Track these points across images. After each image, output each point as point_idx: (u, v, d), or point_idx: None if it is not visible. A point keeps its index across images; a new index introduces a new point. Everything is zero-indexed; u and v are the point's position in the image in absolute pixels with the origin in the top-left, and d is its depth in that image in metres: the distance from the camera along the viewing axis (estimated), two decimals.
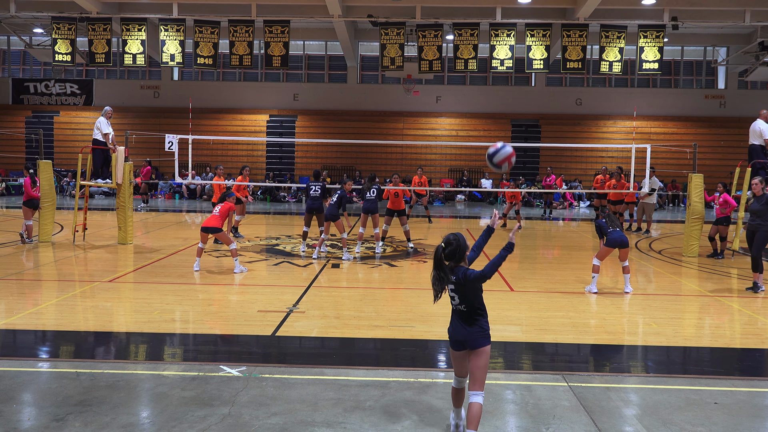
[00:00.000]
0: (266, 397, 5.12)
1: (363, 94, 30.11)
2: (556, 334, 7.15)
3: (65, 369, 5.72)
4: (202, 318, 7.76)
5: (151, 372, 5.64)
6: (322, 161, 29.29)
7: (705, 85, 30.51)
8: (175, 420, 4.68)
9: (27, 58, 31.01)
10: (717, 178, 15.09)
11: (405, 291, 9.42)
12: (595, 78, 30.11)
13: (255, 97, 30.14)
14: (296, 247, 13.27)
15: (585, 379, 5.70)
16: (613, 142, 28.46)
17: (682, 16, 19.95)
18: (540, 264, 11.97)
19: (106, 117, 13.42)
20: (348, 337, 6.92)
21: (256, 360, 6.15)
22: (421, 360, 6.37)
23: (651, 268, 11.86)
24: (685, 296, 9.54)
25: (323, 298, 8.75)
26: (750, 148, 12.70)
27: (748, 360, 6.68)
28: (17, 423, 4.62)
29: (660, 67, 19.71)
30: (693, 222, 13.08)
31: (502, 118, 29.89)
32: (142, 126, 27.94)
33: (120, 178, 13.38)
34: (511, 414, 4.96)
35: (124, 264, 11.20)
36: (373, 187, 12.76)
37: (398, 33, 19.83)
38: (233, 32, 19.84)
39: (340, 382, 5.47)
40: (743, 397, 5.36)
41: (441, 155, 29.86)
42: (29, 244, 12.98)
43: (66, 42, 20.07)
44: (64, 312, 7.73)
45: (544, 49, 19.59)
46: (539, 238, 16.57)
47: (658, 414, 4.97)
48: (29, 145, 28.20)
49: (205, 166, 28.33)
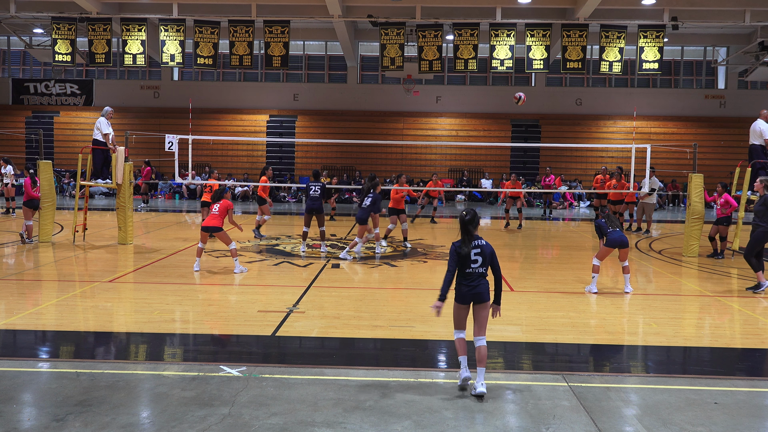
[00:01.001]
0: (266, 397, 5.12)
1: (363, 94, 30.12)
2: (556, 334, 7.15)
3: (65, 369, 5.72)
4: (202, 318, 7.76)
5: (151, 372, 5.64)
6: (322, 161, 29.30)
7: (705, 85, 30.52)
8: (175, 420, 4.68)
9: (27, 58, 31.01)
10: (717, 178, 15.10)
11: (405, 291, 9.42)
12: (595, 78, 30.11)
13: (255, 97, 30.13)
14: (296, 247, 13.27)
15: (585, 379, 5.70)
16: (613, 142, 28.46)
17: (682, 16, 19.95)
18: (540, 264, 11.96)
19: (106, 117, 13.43)
20: (348, 337, 6.92)
21: (256, 360, 6.15)
22: (421, 360, 6.37)
23: (651, 268, 11.86)
24: (685, 296, 9.54)
25: (323, 298, 8.75)
26: (750, 148, 12.70)
27: (748, 360, 6.68)
28: (17, 423, 4.62)
29: (660, 67, 19.71)
30: (693, 222, 13.08)
31: (502, 118, 29.89)
32: (142, 126, 27.94)
33: (120, 179, 13.38)
34: (511, 414, 4.96)
35: (124, 264, 11.21)
36: (369, 195, 12.02)
37: (398, 33, 19.84)
38: (233, 32, 19.84)
39: (340, 382, 5.47)
40: (743, 397, 5.36)
41: (441, 155, 29.85)
42: (29, 244, 12.99)
43: (66, 42, 20.08)
44: (64, 312, 7.74)
45: (544, 49, 19.59)
46: (539, 238, 16.57)
47: (658, 414, 4.97)
48: (29, 146, 28.20)
49: (204, 167, 28.32)
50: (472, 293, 5.30)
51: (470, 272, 5.31)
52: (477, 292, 5.29)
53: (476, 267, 5.30)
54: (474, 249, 5.32)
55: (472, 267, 5.30)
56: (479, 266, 5.30)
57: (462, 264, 5.31)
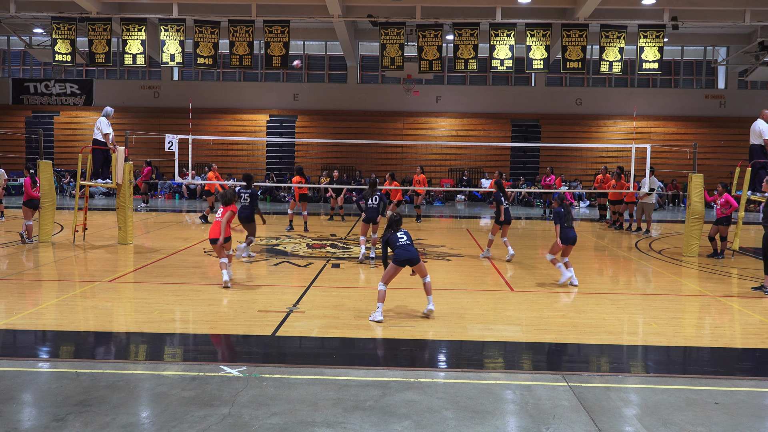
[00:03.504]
0: (266, 397, 5.12)
1: (363, 94, 30.12)
2: (556, 334, 7.15)
3: (65, 369, 5.72)
4: (202, 318, 7.76)
5: (151, 372, 5.64)
6: (322, 161, 29.31)
7: (705, 85, 30.52)
8: (175, 420, 4.68)
9: (27, 58, 31.01)
10: (717, 178, 15.11)
11: (405, 291, 9.41)
12: (595, 78, 30.11)
13: (255, 97, 30.14)
14: (296, 247, 13.27)
15: (585, 379, 5.70)
16: (613, 142, 28.46)
17: (682, 16, 19.95)
18: (540, 264, 11.96)
19: (107, 118, 13.43)
20: (348, 337, 6.92)
21: (256, 360, 6.15)
22: (421, 360, 6.38)
23: (651, 268, 11.86)
24: (685, 296, 9.54)
25: (323, 298, 8.75)
26: (750, 148, 12.70)
27: (748, 360, 6.68)
28: (17, 423, 4.62)
29: (660, 67, 19.71)
30: (693, 222, 13.08)
31: (502, 118, 29.89)
32: (142, 126, 27.95)
33: (120, 178, 13.39)
34: (511, 414, 4.96)
35: (124, 264, 11.21)
36: (376, 194, 11.96)
37: (398, 33, 19.84)
38: (233, 32, 19.84)
39: (340, 382, 5.47)
40: (743, 397, 5.36)
41: (441, 155, 29.86)
42: (29, 244, 12.98)
43: (66, 42, 20.08)
44: (64, 312, 7.73)
45: (544, 49, 19.59)
46: (539, 238, 16.56)
47: (658, 414, 4.97)
48: (29, 145, 28.21)
49: (204, 166, 28.34)
50: (408, 258, 7.51)
51: (401, 245, 7.56)
52: (411, 257, 7.53)
53: (404, 242, 7.60)
54: (400, 234, 7.69)
55: (400, 242, 7.59)
56: (405, 241, 7.62)
57: (392, 245, 7.60)
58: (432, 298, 7.72)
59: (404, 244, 7.54)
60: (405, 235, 7.66)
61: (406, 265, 7.52)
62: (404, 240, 7.58)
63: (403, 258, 7.45)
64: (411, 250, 7.52)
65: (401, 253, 7.46)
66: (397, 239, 7.57)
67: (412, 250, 7.53)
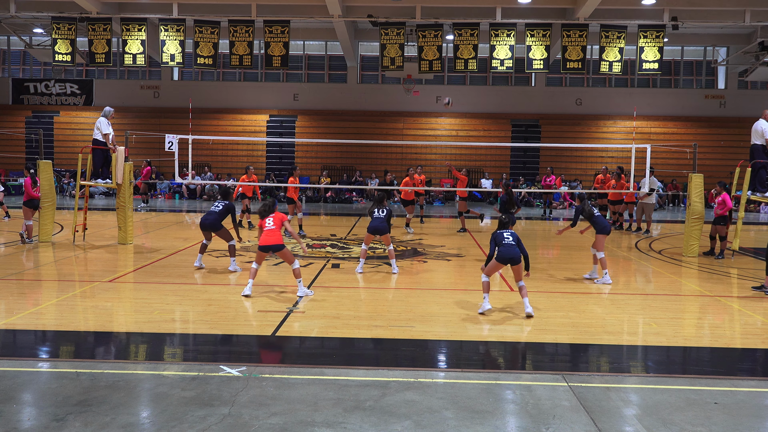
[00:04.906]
0: (266, 397, 5.12)
1: (363, 94, 30.10)
2: (556, 334, 7.15)
3: (65, 369, 5.72)
4: (202, 318, 7.75)
5: (151, 372, 5.64)
6: (322, 161, 29.30)
7: (705, 85, 30.51)
8: (175, 420, 4.68)
9: (27, 58, 31.00)
10: (717, 178, 15.08)
11: (405, 291, 9.41)
12: (595, 78, 30.10)
13: (255, 97, 30.12)
14: (296, 247, 13.27)
15: (585, 379, 5.70)
16: (613, 142, 28.45)
17: (682, 16, 19.95)
18: (540, 264, 11.95)
19: (107, 118, 13.42)
20: (348, 337, 6.92)
21: (256, 360, 6.16)
22: (421, 360, 6.37)
23: (651, 268, 11.86)
24: (685, 296, 9.54)
25: (323, 298, 8.75)
26: (751, 148, 12.70)
27: (748, 360, 6.69)
28: (17, 423, 4.62)
29: (660, 67, 19.71)
30: (693, 222, 13.08)
31: (502, 118, 29.88)
32: (142, 126, 27.93)
33: (120, 178, 13.38)
34: (511, 414, 4.96)
35: (124, 264, 11.21)
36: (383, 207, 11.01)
37: (398, 33, 19.83)
38: (233, 32, 19.84)
39: (340, 382, 5.47)
40: (743, 397, 5.36)
41: (441, 155, 29.85)
42: (29, 244, 12.98)
43: (66, 42, 20.08)
44: (64, 312, 7.74)
45: (544, 49, 19.59)
46: (539, 238, 16.57)
47: (658, 414, 4.97)
48: (29, 145, 28.20)
49: (203, 166, 28.34)
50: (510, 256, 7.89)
51: (506, 243, 7.98)
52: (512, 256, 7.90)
53: (509, 242, 7.97)
54: (507, 234, 8.08)
55: (506, 241, 7.95)
56: (510, 241, 8.00)
57: (499, 242, 8.02)
58: (528, 300, 7.95)
59: (509, 243, 7.96)
60: (511, 235, 8.04)
61: (508, 263, 7.91)
62: (509, 240, 7.97)
63: (506, 256, 7.89)
64: (514, 251, 7.90)
65: (504, 251, 7.90)
66: (504, 238, 8.01)
67: (514, 251, 7.91)
